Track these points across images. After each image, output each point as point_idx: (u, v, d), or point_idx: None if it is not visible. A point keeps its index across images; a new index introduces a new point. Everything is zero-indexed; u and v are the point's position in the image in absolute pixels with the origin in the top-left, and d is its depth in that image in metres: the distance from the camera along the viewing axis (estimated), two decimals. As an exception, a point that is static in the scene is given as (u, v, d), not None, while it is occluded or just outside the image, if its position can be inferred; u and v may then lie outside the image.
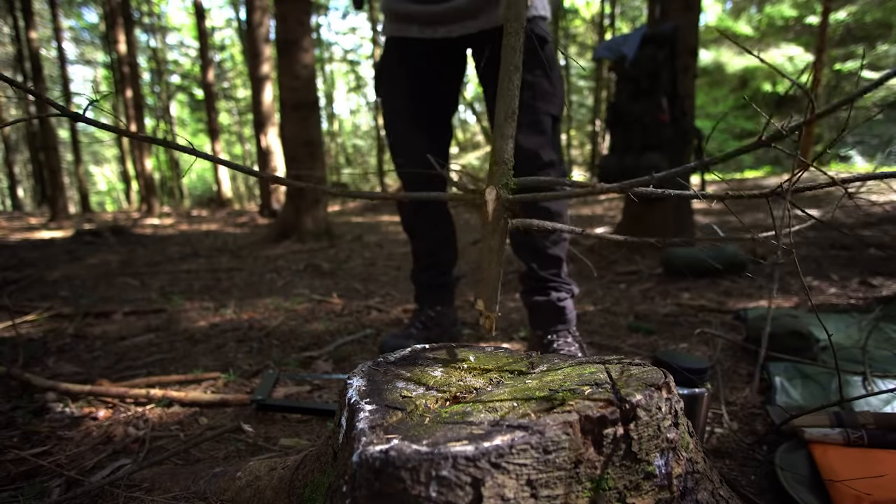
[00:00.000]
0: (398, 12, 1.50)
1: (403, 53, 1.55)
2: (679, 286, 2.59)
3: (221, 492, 0.82)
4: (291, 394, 1.42)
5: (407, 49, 1.54)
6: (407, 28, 1.51)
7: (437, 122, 1.63)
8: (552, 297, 1.57)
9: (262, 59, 7.48)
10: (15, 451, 1.10)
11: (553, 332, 1.57)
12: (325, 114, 22.78)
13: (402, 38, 1.53)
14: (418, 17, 1.48)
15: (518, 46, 0.78)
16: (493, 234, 0.74)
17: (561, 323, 1.58)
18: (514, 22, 0.78)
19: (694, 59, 3.40)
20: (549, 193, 0.78)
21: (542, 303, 1.58)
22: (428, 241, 1.74)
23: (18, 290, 3.06)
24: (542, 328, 1.59)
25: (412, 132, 1.59)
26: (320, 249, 4.57)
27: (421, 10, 1.46)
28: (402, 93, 1.58)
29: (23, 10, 10.48)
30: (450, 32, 1.47)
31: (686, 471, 0.62)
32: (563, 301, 1.58)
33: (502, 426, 0.53)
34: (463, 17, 1.44)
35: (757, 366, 1.39)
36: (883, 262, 2.91)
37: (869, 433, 0.96)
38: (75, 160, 14.09)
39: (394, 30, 1.54)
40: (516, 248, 1.63)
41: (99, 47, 20.83)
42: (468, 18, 1.44)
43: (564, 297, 1.59)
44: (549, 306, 1.57)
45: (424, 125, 1.59)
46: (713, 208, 6.47)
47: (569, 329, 1.59)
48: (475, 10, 1.42)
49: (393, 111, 1.61)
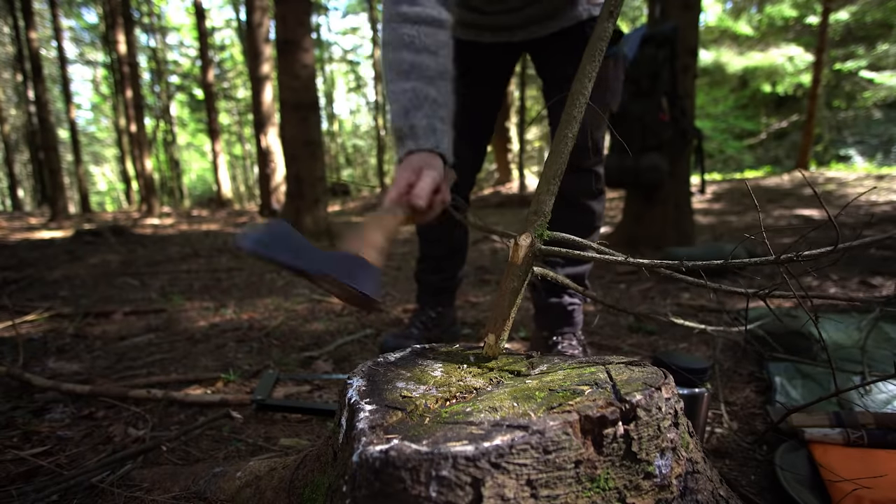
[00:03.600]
0: (465, 21, 1.40)
1: (467, 59, 1.39)
2: (679, 286, 2.59)
3: (221, 492, 0.82)
4: (291, 394, 1.42)
5: (472, 54, 1.42)
6: (478, 34, 1.42)
7: (485, 132, 1.56)
8: (564, 300, 1.55)
9: (262, 59, 7.49)
10: (15, 451, 1.10)
11: (559, 335, 1.56)
12: (325, 114, 22.78)
13: (470, 42, 1.42)
14: (490, 26, 1.40)
15: (582, 99, 0.81)
16: (517, 278, 0.78)
17: (568, 325, 1.57)
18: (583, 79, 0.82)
19: (694, 59, 3.40)
20: (577, 252, 0.80)
21: (554, 304, 1.56)
22: (442, 247, 1.71)
23: (18, 290, 3.06)
24: (548, 329, 1.58)
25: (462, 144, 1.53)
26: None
27: (492, 21, 1.38)
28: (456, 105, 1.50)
29: (23, 10, 10.48)
30: (528, 35, 1.39)
31: (686, 471, 0.62)
32: (574, 306, 1.57)
33: (502, 426, 0.53)
34: (541, 19, 1.37)
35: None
36: (883, 262, 2.91)
37: (869, 433, 0.96)
38: (75, 160, 14.08)
39: (460, 34, 1.40)
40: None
41: (99, 47, 20.83)
42: (547, 20, 1.37)
43: (577, 302, 1.58)
44: (559, 308, 1.56)
45: (475, 136, 1.52)
46: (713, 208, 6.47)
47: (574, 332, 1.58)
48: (557, 11, 1.36)
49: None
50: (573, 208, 1.41)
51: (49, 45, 17.73)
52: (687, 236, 3.53)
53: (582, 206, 1.43)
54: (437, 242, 1.71)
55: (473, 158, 1.54)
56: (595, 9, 1.38)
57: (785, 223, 4.90)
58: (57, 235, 6.65)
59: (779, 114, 14.23)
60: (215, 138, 13.31)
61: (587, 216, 1.44)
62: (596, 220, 1.46)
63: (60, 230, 7.53)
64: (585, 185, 1.39)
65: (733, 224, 5.18)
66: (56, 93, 19.24)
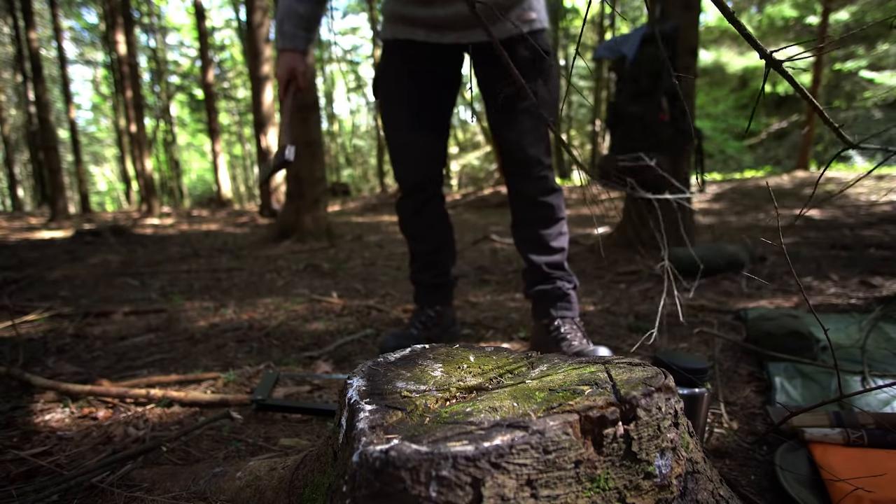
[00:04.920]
0: (403, 15, 1.51)
1: (406, 57, 1.55)
2: (679, 286, 2.59)
3: (221, 492, 0.82)
4: (291, 394, 1.42)
5: (410, 52, 1.54)
6: (412, 31, 1.51)
7: (438, 126, 1.64)
8: (558, 284, 1.61)
9: (263, 59, 7.48)
10: (15, 451, 1.10)
11: (560, 318, 1.59)
12: (325, 114, 22.77)
13: (406, 40, 1.53)
14: (425, 21, 1.48)
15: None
16: None
17: (567, 310, 1.60)
18: None
19: (694, 59, 3.40)
20: None
21: (549, 290, 1.61)
22: (427, 243, 1.74)
23: (18, 290, 3.06)
24: (548, 315, 1.60)
25: (413, 136, 1.60)
26: (320, 249, 4.57)
27: (429, 14, 1.46)
28: (403, 96, 1.58)
29: (23, 10, 10.48)
30: (459, 39, 1.48)
31: (686, 471, 0.62)
32: (569, 289, 1.62)
33: (502, 426, 0.53)
34: (473, 25, 1.45)
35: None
36: (883, 262, 2.91)
37: (869, 433, 0.96)
38: (75, 160, 14.08)
39: (397, 32, 1.54)
40: (518, 243, 1.65)
41: (99, 47, 20.83)
42: (477, 26, 1.45)
43: (569, 287, 1.63)
44: (556, 292, 1.60)
45: (425, 129, 1.60)
46: (713, 208, 6.47)
47: (573, 317, 1.61)
48: (474, 21, 1.43)
49: (393, 115, 1.61)
50: (534, 206, 1.59)
51: (49, 45, 17.72)
52: (687, 236, 3.53)
53: (540, 203, 1.59)
54: (420, 239, 1.75)
55: (427, 149, 1.63)
56: (525, 26, 1.47)
57: (785, 223, 4.90)
58: (57, 235, 6.66)
59: (779, 114, 14.24)
60: (215, 138, 13.30)
61: (546, 210, 1.60)
62: (556, 211, 1.61)
63: (60, 230, 7.53)
64: (541, 187, 1.58)
65: (733, 224, 5.18)
66: (56, 93, 19.24)
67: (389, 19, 1.56)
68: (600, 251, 3.55)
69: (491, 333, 1.92)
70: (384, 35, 1.60)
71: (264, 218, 8.18)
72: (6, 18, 15.03)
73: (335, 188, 12.74)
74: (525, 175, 1.56)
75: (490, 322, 2.07)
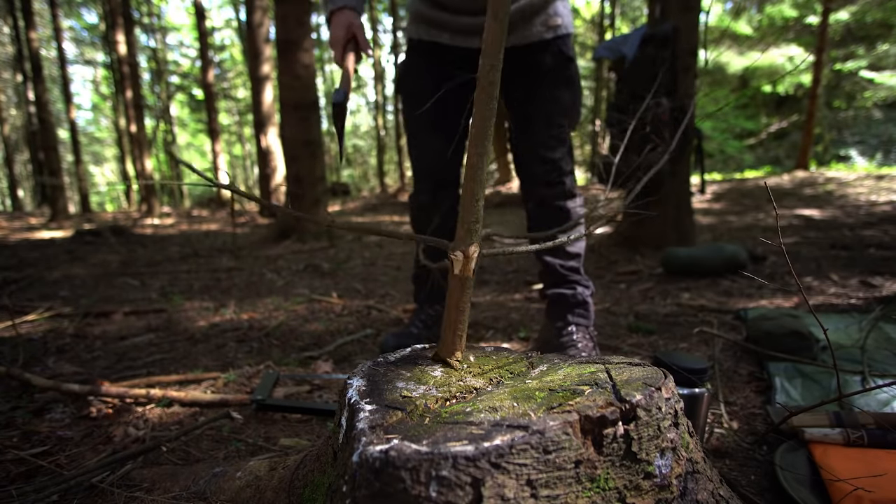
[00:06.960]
0: (430, 19, 1.51)
1: (430, 57, 1.55)
2: (679, 286, 2.59)
3: (221, 492, 0.82)
4: (291, 394, 1.42)
5: (435, 53, 1.54)
6: (438, 34, 1.52)
7: (456, 127, 1.63)
8: (578, 290, 1.61)
9: (262, 59, 7.48)
10: (15, 451, 1.10)
11: (574, 325, 1.58)
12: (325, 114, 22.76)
13: (431, 42, 1.54)
14: (450, 25, 1.49)
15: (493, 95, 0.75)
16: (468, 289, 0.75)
17: (583, 318, 1.60)
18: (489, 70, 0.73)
19: (694, 59, 3.40)
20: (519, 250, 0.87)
21: (568, 295, 1.60)
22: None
23: (18, 290, 3.06)
24: (563, 319, 1.60)
25: (432, 135, 1.60)
26: (320, 249, 4.57)
27: (455, 20, 1.47)
28: (425, 95, 1.57)
29: (23, 11, 10.47)
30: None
31: (686, 471, 0.62)
32: (587, 297, 1.62)
33: (502, 426, 0.53)
34: None
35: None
36: (883, 262, 2.91)
37: (869, 433, 0.96)
38: (75, 160, 14.07)
39: (422, 33, 1.54)
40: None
41: (99, 47, 20.82)
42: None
43: (588, 294, 1.63)
44: (575, 299, 1.60)
45: (445, 129, 1.60)
46: (713, 208, 6.47)
47: (588, 326, 1.60)
48: (510, 27, 1.43)
49: (415, 112, 1.61)
50: (550, 209, 1.59)
51: (49, 45, 17.71)
52: (687, 236, 3.53)
53: (556, 207, 1.58)
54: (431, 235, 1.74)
55: (444, 148, 1.62)
56: (549, 32, 1.46)
57: (785, 223, 4.90)
58: (57, 235, 6.65)
59: (779, 114, 14.23)
60: (215, 138, 13.29)
61: (563, 214, 1.59)
62: (571, 215, 1.59)
63: (60, 230, 7.53)
64: (559, 191, 1.57)
65: (733, 224, 5.18)
66: (56, 93, 19.23)
67: (415, 19, 1.56)
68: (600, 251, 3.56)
69: (491, 333, 1.92)
70: (409, 34, 1.60)
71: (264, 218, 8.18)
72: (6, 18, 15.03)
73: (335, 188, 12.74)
74: (544, 179, 1.56)
75: (490, 322, 2.07)
